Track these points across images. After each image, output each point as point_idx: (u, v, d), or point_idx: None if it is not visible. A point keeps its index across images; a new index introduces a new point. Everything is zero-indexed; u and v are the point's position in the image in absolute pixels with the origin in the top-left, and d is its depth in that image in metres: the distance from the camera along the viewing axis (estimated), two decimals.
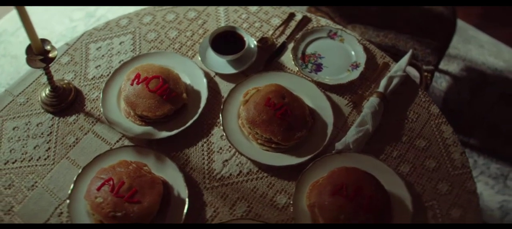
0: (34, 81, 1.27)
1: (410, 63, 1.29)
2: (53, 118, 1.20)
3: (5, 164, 1.12)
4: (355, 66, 1.29)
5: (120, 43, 1.36)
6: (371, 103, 1.18)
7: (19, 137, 1.17)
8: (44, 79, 1.26)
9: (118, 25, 1.40)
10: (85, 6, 2.38)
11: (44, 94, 1.22)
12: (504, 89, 2.11)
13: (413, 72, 1.60)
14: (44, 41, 1.10)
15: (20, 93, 1.25)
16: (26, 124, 1.19)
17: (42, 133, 1.17)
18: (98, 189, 1.01)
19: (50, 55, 1.10)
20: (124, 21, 1.41)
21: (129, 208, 0.99)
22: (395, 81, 1.22)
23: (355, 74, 1.26)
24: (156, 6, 1.45)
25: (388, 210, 0.98)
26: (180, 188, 1.06)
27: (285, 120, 1.11)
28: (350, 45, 1.34)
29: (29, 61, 1.10)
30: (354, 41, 1.34)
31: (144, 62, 1.26)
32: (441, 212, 1.02)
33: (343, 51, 1.33)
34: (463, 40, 2.29)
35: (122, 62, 1.28)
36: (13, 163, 1.13)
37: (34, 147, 1.15)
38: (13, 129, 1.18)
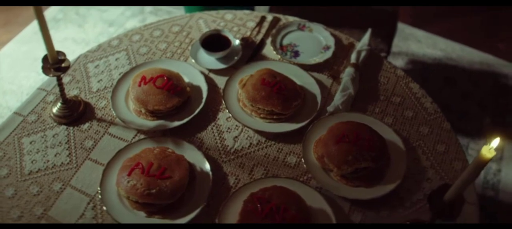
0: (41, 101, 1.31)
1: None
2: (67, 128, 1.24)
3: (29, 174, 1.14)
4: (327, 48, 1.47)
5: (116, 59, 1.44)
6: (348, 72, 1.35)
7: (38, 149, 1.19)
8: (50, 97, 1.31)
9: (110, 46, 1.48)
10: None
11: (55, 109, 1.26)
12: (446, 74, 2.41)
13: None
14: (59, 52, 1.17)
15: (29, 113, 1.28)
16: (42, 137, 1.22)
17: (60, 142, 1.21)
18: (129, 174, 1.07)
19: (63, 65, 1.17)
20: (115, 42, 1.50)
21: (162, 184, 1.06)
22: (363, 54, 1.41)
23: (328, 54, 1.44)
24: (142, 26, 1.56)
25: (385, 149, 1.13)
26: (202, 163, 1.14)
27: (281, 94, 1.24)
28: (318, 32, 1.52)
29: (45, 69, 1.15)
30: (321, 29, 1.52)
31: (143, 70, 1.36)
32: (428, 149, 1.19)
33: (313, 38, 1.51)
34: (402, 38, 2.59)
35: (122, 73, 1.36)
36: (36, 172, 1.15)
37: (55, 155, 1.18)
38: (30, 143, 1.21)
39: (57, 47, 1.16)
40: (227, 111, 1.28)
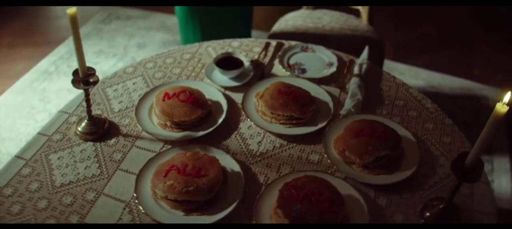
0: (64, 122, 1.37)
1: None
2: (94, 144, 1.30)
3: (61, 186, 1.18)
4: (330, 64, 1.63)
5: (133, 83, 1.53)
6: (353, 81, 1.50)
7: (67, 164, 1.24)
8: (73, 119, 1.38)
9: (126, 72, 1.58)
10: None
11: (80, 127, 1.33)
12: (430, 99, 2.60)
13: None
14: (89, 68, 1.26)
15: (53, 132, 1.33)
16: (70, 153, 1.27)
17: (88, 156, 1.26)
18: (165, 175, 1.14)
19: (92, 79, 1.26)
20: (130, 69, 1.60)
21: (198, 181, 1.12)
22: (364, 66, 1.58)
23: (333, 69, 1.59)
24: (154, 55, 1.68)
25: (399, 139, 1.25)
26: (232, 165, 1.22)
27: (297, 100, 1.36)
28: (320, 52, 1.69)
29: (75, 82, 1.24)
30: (323, 49, 1.69)
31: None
32: (436, 141, 1.32)
33: (317, 57, 1.67)
34: (386, 71, 2.81)
35: (142, 94, 1.46)
36: (68, 184, 1.19)
37: (85, 168, 1.23)
38: (58, 159, 1.25)
39: (52, 97, 1.25)
40: (247, 121, 1.38)
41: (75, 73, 1.25)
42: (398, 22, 3.34)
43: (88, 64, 1.26)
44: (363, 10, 2.44)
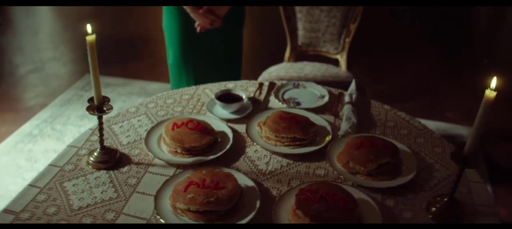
0: (74, 154, 1.43)
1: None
2: (107, 172, 1.36)
3: (79, 209, 1.22)
4: (322, 97, 1.80)
5: (138, 121, 1.63)
6: (346, 108, 1.67)
7: (82, 190, 1.29)
8: (82, 151, 1.45)
9: (129, 112, 1.68)
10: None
11: (92, 157, 1.39)
12: None
13: None
14: (105, 98, 1.36)
15: (65, 163, 1.39)
16: (84, 180, 1.32)
17: (103, 182, 1.32)
18: (185, 190, 1.21)
19: (106, 108, 1.35)
20: (132, 109, 1.70)
21: (218, 193, 1.20)
22: (354, 96, 1.75)
23: (325, 100, 1.76)
24: (154, 97, 1.79)
25: (397, 149, 1.40)
26: (245, 181, 1.31)
27: (298, 123, 1.50)
28: (311, 88, 1.86)
29: (89, 109, 1.33)
30: (313, 84, 1.87)
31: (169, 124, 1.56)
32: (429, 151, 1.47)
33: (309, 92, 1.84)
34: None
35: (149, 129, 1.55)
36: (86, 207, 1.23)
37: (101, 192, 1.28)
38: (73, 185, 1.30)
39: (39, 157, 1.35)
40: (253, 146, 1.49)
41: (90, 100, 1.35)
42: (373, 74, 3.64)
43: (72, 127, 1.36)
44: (342, 58, 2.70)
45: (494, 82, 1.04)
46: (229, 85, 1.89)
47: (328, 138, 1.51)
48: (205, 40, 2.24)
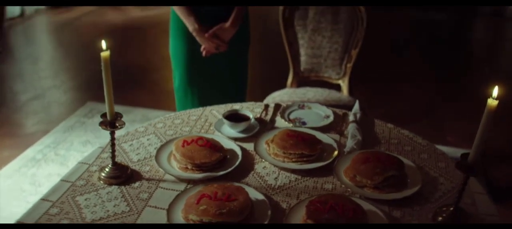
0: (85, 171, 1.48)
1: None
2: (119, 187, 1.41)
3: (92, 221, 1.27)
4: (327, 117, 1.86)
5: (147, 139, 1.69)
6: (351, 126, 1.73)
7: (95, 204, 1.33)
8: (93, 168, 1.50)
9: (137, 131, 1.74)
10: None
11: (104, 173, 1.44)
12: None
13: None
14: (118, 114, 1.42)
15: (77, 179, 1.44)
16: (96, 195, 1.37)
17: (115, 197, 1.36)
18: (197, 203, 1.26)
19: (118, 124, 1.41)
20: (141, 129, 1.76)
21: (230, 205, 1.25)
22: (358, 115, 1.82)
23: (330, 120, 1.83)
24: (162, 117, 1.86)
25: (402, 164, 1.45)
26: (256, 195, 1.35)
27: (305, 140, 1.56)
28: (316, 108, 1.93)
29: (102, 124, 1.39)
30: (318, 105, 1.94)
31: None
32: (433, 166, 1.53)
33: (314, 113, 1.91)
34: None
35: (158, 147, 1.60)
36: (99, 220, 1.27)
37: (114, 206, 1.33)
38: (85, 200, 1.35)
39: (43, 182, 1.41)
40: (261, 162, 1.55)
41: (103, 116, 1.41)
42: (374, 99, 3.74)
43: (75, 152, 1.43)
44: (343, 83, 2.79)
45: (496, 91, 1.12)
46: (236, 106, 1.96)
47: (334, 154, 1.57)
48: (210, 64, 2.33)
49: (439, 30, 6.16)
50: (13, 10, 5.72)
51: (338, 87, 2.87)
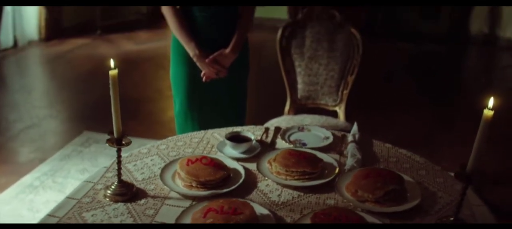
0: (90, 189, 1.53)
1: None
2: (125, 204, 1.45)
3: None
4: (326, 138, 1.94)
5: (151, 160, 1.74)
6: (351, 146, 1.80)
7: (101, 220, 1.37)
8: (99, 186, 1.54)
9: (140, 153, 1.80)
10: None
11: (109, 191, 1.49)
12: None
13: None
14: (124, 132, 1.48)
15: (82, 196, 1.48)
16: (103, 211, 1.41)
17: (121, 213, 1.40)
18: (204, 216, 1.31)
19: (124, 141, 1.47)
20: (144, 150, 1.82)
21: (237, 218, 1.30)
22: (357, 136, 1.90)
23: (330, 141, 1.90)
24: (164, 140, 1.91)
25: (401, 179, 1.52)
26: (260, 210, 1.40)
27: (307, 159, 1.63)
28: (316, 131, 2.01)
29: (109, 141, 1.45)
30: (317, 127, 2.02)
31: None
32: (431, 181, 1.60)
33: (313, 135, 1.98)
34: None
35: (162, 167, 1.66)
36: None
37: (120, 221, 1.37)
38: (92, 216, 1.39)
39: (41, 208, 1.47)
40: (264, 181, 1.61)
41: (110, 133, 1.47)
42: (369, 127, 3.82)
43: (72, 180, 1.49)
44: (340, 110, 2.87)
45: (491, 101, 1.20)
46: (237, 129, 2.02)
47: (336, 171, 1.63)
48: (211, 89, 2.41)
49: (433, 60, 6.36)
50: (6, 41, 5.82)
51: (335, 114, 2.95)
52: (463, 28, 6.90)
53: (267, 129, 2.04)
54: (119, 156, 1.50)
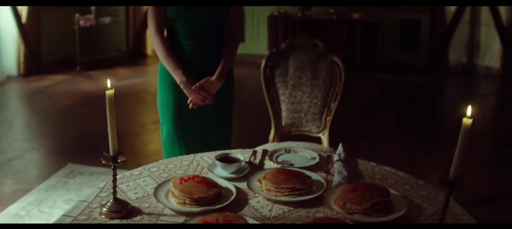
0: (86, 207, 1.58)
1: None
2: (121, 220, 1.50)
3: None
4: (313, 158, 2.03)
5: (143, 181, 1.80)
6: (337, 164, 1.90)
7: None
8: (94, 205, 1.59)
9: (132, 174, 1.85)
10: None
11: (105, 208, 1.54)
12: None
13: None
14: (120, 151, 1.54)
15: (78, 214, 1.53)
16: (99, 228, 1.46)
17: None
18: None
19: (119, 160, 1.54)
20: (136, 172, 1.88)
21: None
22: (342, 155, 2.00)
23: (316, 161, 1.99)
24: (155, 163, 1.97)
25: (388, 192, 1.61)
26: (254, 223, 1.48)
27: (296, 175, 1.72)
28: (302, 152, 2.11)
29: (104, 157, 1.51)
30: (303, 149, 2.12)
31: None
32: (416, 194, 1.69)
33: (300, 156, 2.08)
34: None
35: (155, 187, 1.72)
36: None
37: None
38: None
39: None
40: (255, 198, 1.68)
41: (106, 152, 1.54)
42: (353, 155, 3.94)
43: (59, 210, 1.55)
44: (324, 136, 2.98)
45: (469, 110, 1.32)
46: (226, 151, 2.11)
47: (324, 187, 1.72)
48: (197, 116, 2.49)
49: (413, 90, 6.60)
50: None
51: (318, 140, 3.06)
52: (442, 59, 7.22)
53: (255, 152, 2.13)
54: (114, 174, 1.56)
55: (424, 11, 7.13)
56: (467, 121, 1.31)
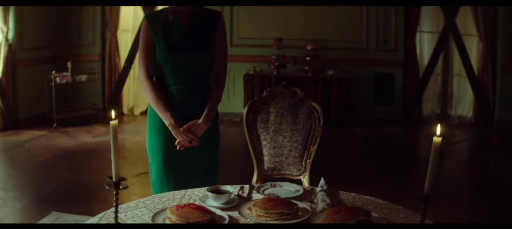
0: None
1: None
2: None
3: None
4: (297, 191, 2.21)
5: (140, 211, 1.93)
6: (321, 193, 2.09)
7: None
8: None
9: (129, 206, 1.99)
10: None
11: None
12: None
13: None
14: (123, 178, 1.69)
15: None
16: None
17: None
18: None
19: (121, 187, 1.68)
20: (132, 204, 2.01)
21: None
22: (325, 187, 2.18)
23: (300, 193, 2.18)
24: (149, 197, 2.11)
25: (368, 213, 1.80)
26: None
27: (284, 202, 1.89)
28: (286, 186, 2.29)
29: (107, 184, 1.65)
30: (288, 183, 2.31)
31: None
32: (395, 217, 1.89)
33: (285, 189, 2.26)
34: None
35: (151, 216, 1.85)
36: None
37: None
38: None
39: None
40: (246, 222, 1.84)
41: (109, 178, 1.68)
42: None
43: None
44: (304, 179, 3.17)
45: (438, 129, 1.55)
46: (216, 186, 2.27)
47: (310, 211, 1.90)
48: (185, 157, 2.66)
49: (388, 142, 6.91)
50: None
51: (299, 183, 3.23)
52: (416, 110, 7.64)
53: (242, 187, 2.29)
54: (117, 200, 1.70)
55: (397, 65, 7.62)
56: (437, 139, 1.53)
